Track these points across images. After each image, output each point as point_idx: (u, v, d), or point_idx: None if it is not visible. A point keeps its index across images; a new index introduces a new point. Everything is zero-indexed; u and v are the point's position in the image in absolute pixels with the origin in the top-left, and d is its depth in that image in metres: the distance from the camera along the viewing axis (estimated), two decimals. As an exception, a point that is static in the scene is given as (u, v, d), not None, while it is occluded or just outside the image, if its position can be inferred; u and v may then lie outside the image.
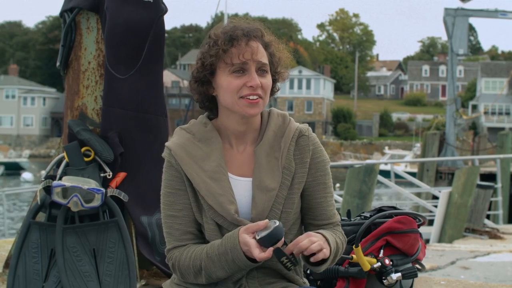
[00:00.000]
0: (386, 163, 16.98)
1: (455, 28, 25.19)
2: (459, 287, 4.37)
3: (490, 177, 19.16)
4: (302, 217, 2.21)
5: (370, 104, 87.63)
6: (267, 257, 1.96)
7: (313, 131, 2.27)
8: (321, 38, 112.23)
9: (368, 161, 14.00)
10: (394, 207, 2.94)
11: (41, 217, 3.51)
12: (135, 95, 3.62)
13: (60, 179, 3.42)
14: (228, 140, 2.18)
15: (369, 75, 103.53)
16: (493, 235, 9.64)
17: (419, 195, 15.83)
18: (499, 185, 13.17)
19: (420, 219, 2.88)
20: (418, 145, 50.83)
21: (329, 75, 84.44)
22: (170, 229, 2.15)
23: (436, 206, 11.31)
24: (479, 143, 28.84)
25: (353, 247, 2.66)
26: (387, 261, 2.68)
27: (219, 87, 2.13)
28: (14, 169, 50.09)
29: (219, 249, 2.05)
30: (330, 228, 2.20)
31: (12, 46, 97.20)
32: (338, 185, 25.73)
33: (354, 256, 2.66)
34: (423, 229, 3.15)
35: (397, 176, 13.42)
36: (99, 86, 3.70)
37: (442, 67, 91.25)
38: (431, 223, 11.05)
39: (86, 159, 3.52)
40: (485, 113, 65.52)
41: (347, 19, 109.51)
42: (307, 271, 2.73)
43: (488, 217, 11.84)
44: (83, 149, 3.53)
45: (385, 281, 2.67)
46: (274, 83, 2.18)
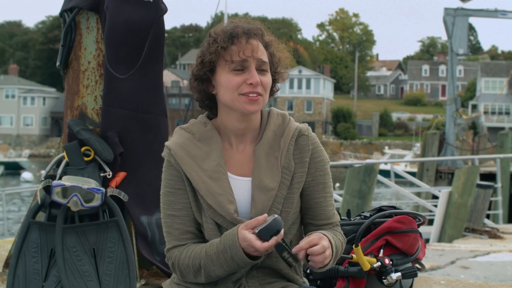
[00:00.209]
0: (386, 163, 17.04)
1: (455, 28, 25.17)
2: (459, 287, 4.37)
3: (490, 177, 19.14)
4: (301, 217, 2.21)
5: (370, 104, 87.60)
6: (269, 246, 1.95)
7: (313, 131, 2.26)
8: (321, 38, 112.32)
9: (368, 161, 13.99)
10: (394, 207, 2.94)
11: (41, 216, 3.50)
12: (135, 95, 3.62)
13: (60, 178, 3.42)
14: (227, 139, 2.18)
15: (369, 75, 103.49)
16: (493, 235, 9.64)
17: (419, 194, 15.84)
18: (499, 185, 13.18)
19: (420, 218, 2.88)
20: (418, 144, 50.77)
21: (329, 75, 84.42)
22: (169, 228, 2.15)
23: (436, 205, 11.32)
24: (479, 143, 28.81)
25: (353, 246, 2.66)
26: (387, 261, 2.67)
27: (219, 85, 2.12)
28: (14, 169, 50.06)
29: (218, 247, 2.04)
30: (329, 228, 2.19)
31: (12, 46, 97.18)
32: (338, 184, 25.75)
33: (354, 255, 2.66)
34: (423, 229, 3.14)
35: (397, 175, 13.42)
36: (99, 86, 3.70)
37: (442, 67, 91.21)
38: (431, 222, 11.06)
39: (86, 159, 3.52)
40: (485, 113, 65.53)
41: (347, 19, 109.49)
42: (307, 271, 2.72)
43: (488, 216, 11.84)
44: (83, 149, 3.53)
45: (385, 280, 2.66)
46: (274, 83, 2.18)
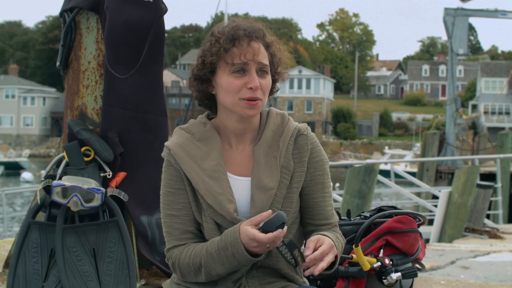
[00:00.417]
0: (386, 163, 17.03)
1: (455, 28, 25.18)
2: (459, 287, 4.37)
3: (490, 176, 19.15)
4: (300, 217, 2.21)
5: (370, 104, 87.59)
6: (274, 236, 1.93)
7: (313, 130, 2.27)
8: (321, 38, 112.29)
9: (368, 161, 14.02)
10: (394, 207, 2.94)
11: (41, 216, 3.50)
12: (135, 95, 3.62)
13: (60, 178, 3.42)
14: (227, 139, 2.18)
15: (369, 75, 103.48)
16: (493, 235, 9.64)
17: (419, 194, 15.83)
18: (499, 185, 13.17)
19: (420, 218, 2.88)
20: (418, 144, 50.79)
21: (329, 75, 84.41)
22: (169, 228, 2.15)
23: (436, 205, 11.31)
24: (479, 142, 28.83)
25: (353, 246, 2.66)
26: (387, 261, 2.67)
27: (219, 87, 2.13)
28: (14, 169, 50.06)
29: (219, 245, 2.04)
30: (328, 228, 2.19)
31: (12, 46, 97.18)
32: (338, 184, 25.75)
33: (354, 255, 2.66)
34: (423, 229, 3.14)
35: (397, 175, 13.41)
36: (99, 86, 3.70)
37: (442, 67, 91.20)
38: (431, 222, 11.06)
39: (86, 159, 3.52)
40: (485, 113, 65.53)
41: (347, 19, 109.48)
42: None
43: (488, 216, 11.84)
44: (83, 149, 3.53)
45: (385, 280, 2.66)
46: (274, 83, 2.18)
